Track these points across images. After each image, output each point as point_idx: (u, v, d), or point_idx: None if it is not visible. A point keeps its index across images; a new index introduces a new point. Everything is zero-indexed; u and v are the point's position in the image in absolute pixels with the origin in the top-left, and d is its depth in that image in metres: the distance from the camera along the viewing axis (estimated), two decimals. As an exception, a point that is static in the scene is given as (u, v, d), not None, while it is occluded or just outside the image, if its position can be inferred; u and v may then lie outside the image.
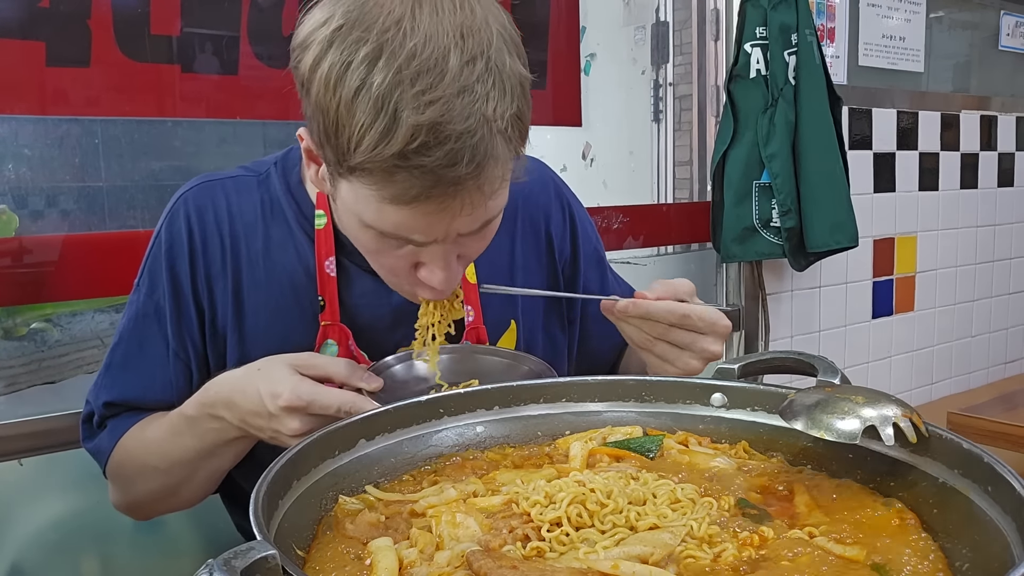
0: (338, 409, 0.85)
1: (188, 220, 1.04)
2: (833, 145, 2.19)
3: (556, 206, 1.20)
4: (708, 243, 2.31)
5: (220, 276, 1.04)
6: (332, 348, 1.03)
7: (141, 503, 1.07)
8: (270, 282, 1.04)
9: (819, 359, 0.93)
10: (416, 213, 0.81)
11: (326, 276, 1.03)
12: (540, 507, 0.74)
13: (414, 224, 0.82)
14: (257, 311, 1.04)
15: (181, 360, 1.04)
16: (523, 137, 0.85)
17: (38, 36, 1.33)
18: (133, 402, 1.05)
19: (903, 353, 2.84)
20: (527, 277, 1.18)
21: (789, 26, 2.13)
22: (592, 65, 2.43)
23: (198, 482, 1.02)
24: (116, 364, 1.06)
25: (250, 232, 1.04)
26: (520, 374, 0.99)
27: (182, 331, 1.04)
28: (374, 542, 0.71)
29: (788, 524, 0.74)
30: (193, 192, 1.06)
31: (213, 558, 0.52)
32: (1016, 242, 3.16)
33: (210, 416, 0.94)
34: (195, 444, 0.97)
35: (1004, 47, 3.08)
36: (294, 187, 1.06)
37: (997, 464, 0.69)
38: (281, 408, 0.86)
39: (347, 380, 0.87)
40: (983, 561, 0.65)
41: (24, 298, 1.35)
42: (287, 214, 1.05)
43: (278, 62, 1.54)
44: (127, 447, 1.04)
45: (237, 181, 1.07)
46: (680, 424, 0.97)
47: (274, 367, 0.89)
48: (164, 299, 1.03)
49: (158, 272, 1.04)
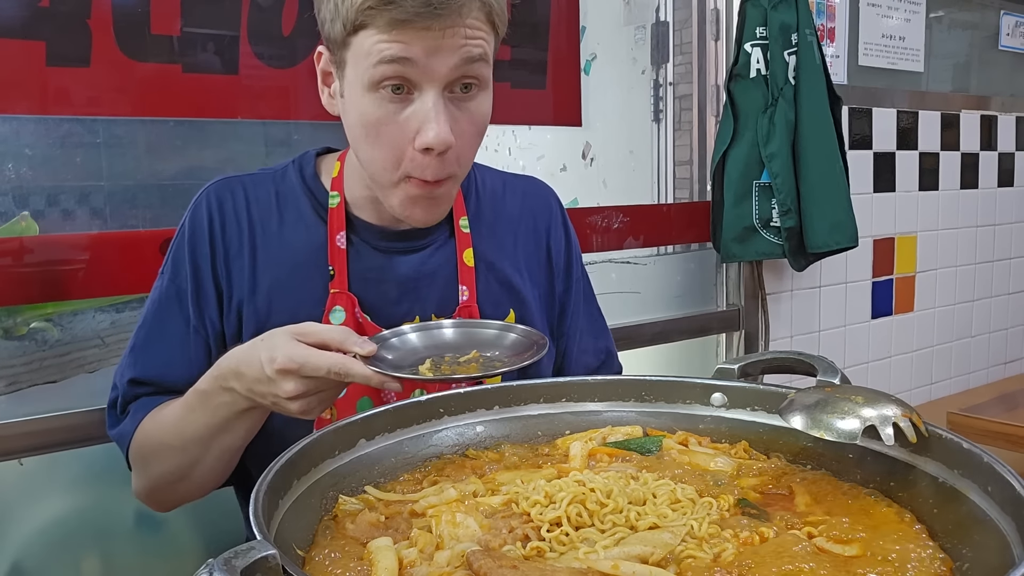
0: (328, 370, 0.88)
1: (209, 209, 1.13)
2: (833, 145, 2.19)
3: (557, 223, 1.29)
4: (708, 243, 2.31)
5: (238, 257, 1.12)
6: (339, 314, 1.10)
7: (157, 487, 1.11)
8: (283, 260, 1.12)
9: (819, 359, 0.93)
10: (407, 37, 0.92)
11: (336, 248, 1.11)
12: (540, 507, 0.74)
13: (406, 48, 0.92)
14: (271, 287, 1.11)
15: (201, 336, 1.11)
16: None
17: (38, 36, 1.33)
18: (155, 379, 1.11)
19: (903, 353, 2.83)
20: (528, 276, 1.23)
21: (789, 26, 2.13)
22: (592, 65, 2.43)
23: (210, 462, 1.05)
24: (140, 345, 1.12)
25: (266, 217, 1.13)
26: (510, 342, 0.99)
27: (202, 309, 1.11)
28: (374, 542, 0.71)
29: (788, 524, 0.74)
30: (214, 186, 1.15)
31: (213, 558, 0.52)
32: (1016, 242, 3.16)
33: (221, 389, 0.98)
34: (208, 419, 1.01)
35: (1004, 47, 3.08)
36: (309, 179, 1.16)
37: (997, 464, 0.69)
38: (276, 371, 0.89)
39: (342, 345, 0.90)
40: (983, 561, 0.65)
41: (25, 298, 1.35)
42: (301, 201, 1.15)
43: (278, 62, 1.54)
44: (145, 428, 1.09)
45: (254, 177, 1.17)
46: (680, 424, 0.97)
47: (275, 336, 0.93)
48: (186, 282, 1.11)
49: (181, 259, 1.12)
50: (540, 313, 1.25)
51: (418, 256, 1.15)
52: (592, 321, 1.32)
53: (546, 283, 1.26)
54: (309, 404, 0.92)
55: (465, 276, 1.16)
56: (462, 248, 1.17)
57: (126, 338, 1.18)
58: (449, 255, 1.17)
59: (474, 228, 1.19)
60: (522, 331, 1.01)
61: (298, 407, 0.91)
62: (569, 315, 1.29)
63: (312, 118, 1.60)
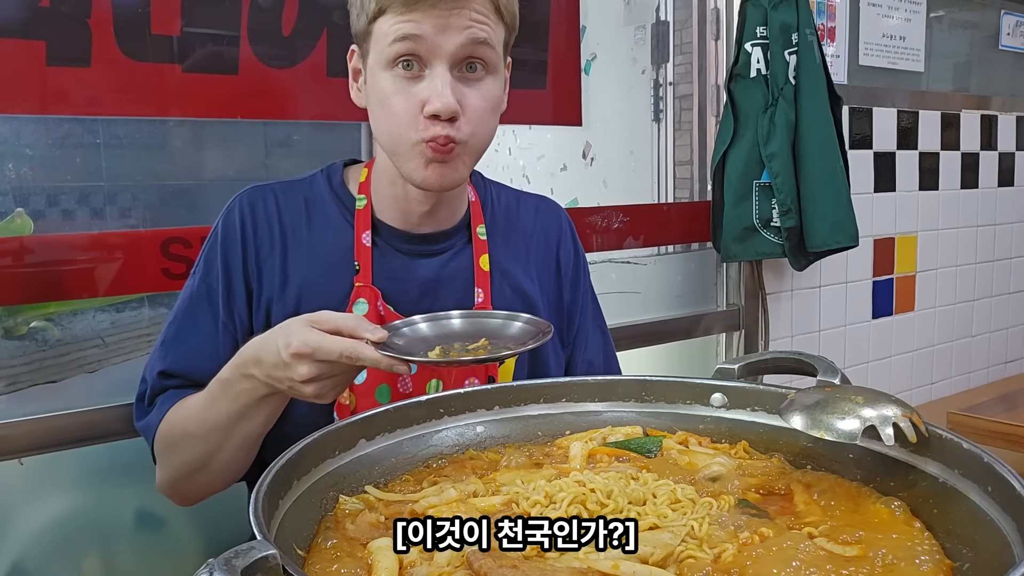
0: (340, 354, 0.92)
1: (241, 214, 1.19)
2: (833, 145, 2.19)
3: (567, 238, 1.35)
4: (708, 243, 2.30)
5: (268, 258, 1.18)
6: (363, 306, 1.15)
7: (180, 477, 1.14)
8: (312, 261, 1.18)
9: (819, 359, 0.93)
10: (418, 16, 1.02)
11: (362, 246, 1.18)
12: (540, 507, 0.74)
13: (416, 26, 1.02)
14: (301, 286, 1.17)
15: (229, 332, 1.16)
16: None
17: (38, 35, 1.33)
18: (184, 372, 1.16)
19: (903, 353, 2.83)
20: (539, 284, 1.29)
21: (789, 25, 2.13)
22: (592, 65, 2.43)
23: (230, 450, 1.09)
24: (170, 339, 1.18)
25: (296, 222, 1.20)
26: (516, 330, 1.02)
27: (231, 305, 1.17)
28: (374, 542, 0.71)
29: (788, 524, 0.74)
30: (247, 193, 1.22)
31: (213, 558, 0.52)
32: (1016, 242, 3.16)
33: (242, 376, 1.02)
34: (229, 407, 1.05)
35: (1004, 47, 3.08)
36: (336, 187, 1.23)
37: (997, 464, 0.69)
38: (291, 355, 0.93)
39: (354, 331, 0.94)
40: (983, 561, 0.65)
41: (25, 298, 1.35)
42: (329, 206, 1.21)
43: (278, 62, 1.54)
44: (170, 418, 1.13)
45: (284, 185, 1.24)
46: (680, 424, 0.97)
47: (291, 323, 0.97)
48: (216, 281, 1.17)
49: (213, 259, 1.18)
50: (550, 319, 1.28)
51: (438, 260, 1.21)
52: (598, 335, 1.37)
53: (555, 292, 1.32)
54: (323, 387, 0.96)
55: (481, 280, 1.22)
56: (479, 254, 1.23)
57: (127, 338, 1.18)
58: (467, 260, 1.22)
59: (490, 238, 1.25)
60: (527, 319, 1.03)
61: (312, 390, 0.95)
62: (576, 325, 1.33)
63: (312, 118, 1.61)
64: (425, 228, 1.20)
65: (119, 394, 1.38)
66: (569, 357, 1.34)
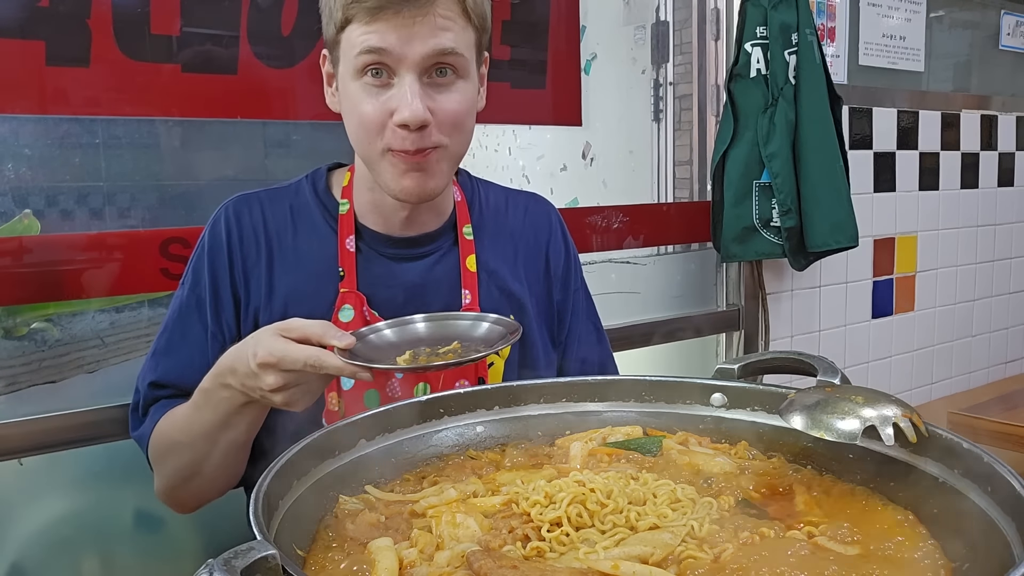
0: (304, 363, 0.93)
1: (227, 224, 1.19)
2: (833, 145, 2.19)
3: (557, 236, 1.34)
4: (708, 243, 2.30)
5: (255, 267, 1.18)
6: (349, 312, 1.15)
7: (173, 484, 1.16)
8: (298, 269, 1.18)
9: (819, 359, 0.93)
10: (382, 27, 1.01)
11: (346, 251, 1.17)
12: (540, 507, 0.74)
13: (381, 38, 1.01)
14: (287, 294, 1.17)
15: (218, 342, 1.16)
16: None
17: (38, 35, 1.33)
18: (174, 382, 1.16)
19: (903, 353, 2.83)
20: (527, 285, 1.27)
21: (789, 25, 2.13)
22: (592, 65, 2.43)
23: (218, 457, 1.09)
24: (160, 350, 1.18)
25: (282, 230, 1.20)
26: (483, 330, 1.02)
27: (220, 315, 1.17)
28: (374, 542, 0.71)
29: (788, 524, 0.74)
30: (232, 202, 1.21)
31: (213, 558, 0.52)
32: (1016, 242, 3.16)
33: (220, 385, 1.03)
34: (211, 416, 1.06)
35: (1004, 47, 3.08)
36: (321, 192, 1.22)
37: (997, 464, 0.69)
38: (258, 365, 0.95)
39: (321, 339, 0.95)
40: (983, 561, 0.65)
41: (25, 298, 1.35)
42: (314, 213, 1.21)
43: (278, 62, 1.54)
44: (160, 428, 1.14)
45: (270, 192, 1.23)
46: (680, 424, 0.97)
47: (261, 332, 0.98)
48: (204, 291, 1.17)
49: (200, 270, 1.18)
50: (539, 321, 1.28)
51: (423, 263, 1.20)
52: (591, 332, 1.36)
53: (544, 292, 1.30)
54: (292, 396, 0.96)
55: (468, 281, 1.21)
56: (465, 254, 1.22)
57: (126, 338, 1.18)
58: (453, 262, 1.21)
59: (477, 238, 1.24)
60: (495, 319, 1.04)
61: (281, 399, 0.96)
62: (567, 324, 1.32)
63: (311, 118, 1.60)
64: (409, 231, 1.20)
65: (118, 394, 1.38)
66: (562, 355, 1.33)
